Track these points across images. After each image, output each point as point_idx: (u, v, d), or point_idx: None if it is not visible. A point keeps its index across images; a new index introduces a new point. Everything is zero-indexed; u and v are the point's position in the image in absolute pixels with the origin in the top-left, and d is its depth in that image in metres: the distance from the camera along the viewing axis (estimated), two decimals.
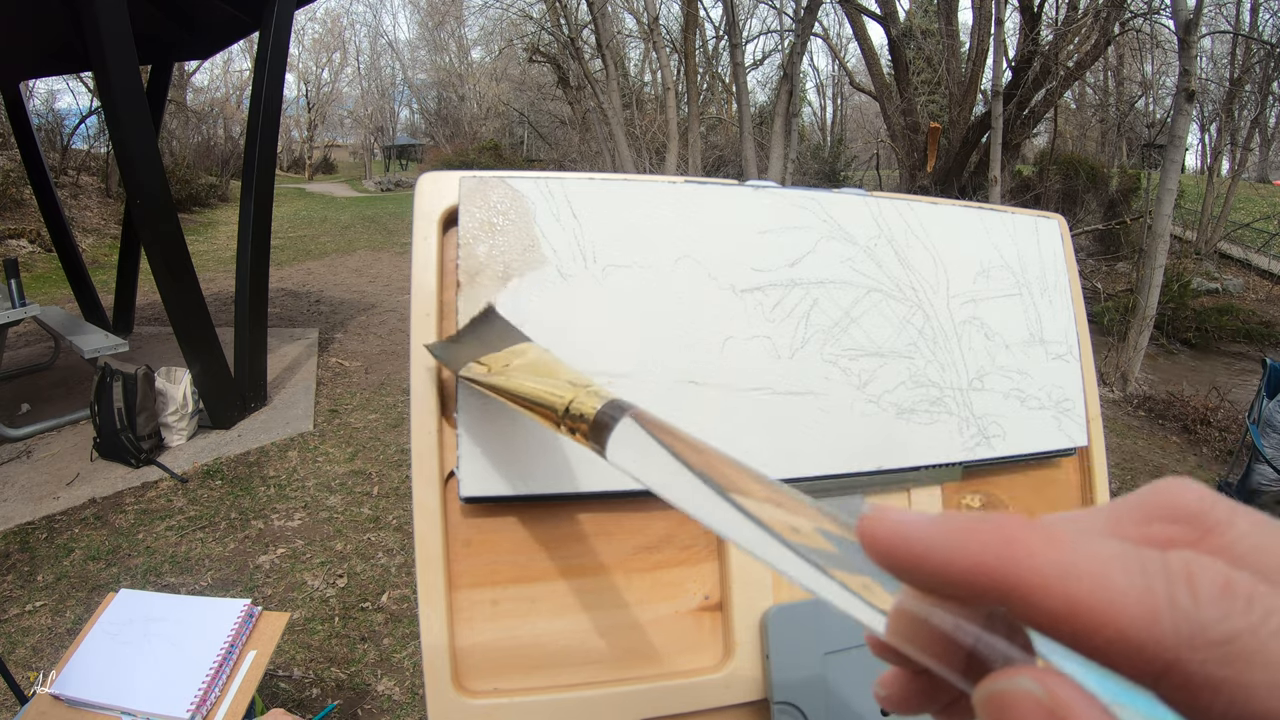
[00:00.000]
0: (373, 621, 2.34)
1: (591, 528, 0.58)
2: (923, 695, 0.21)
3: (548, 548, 0.57)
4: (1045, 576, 0.15)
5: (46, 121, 11.94)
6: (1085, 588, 0.15)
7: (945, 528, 0.17)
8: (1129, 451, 4.33)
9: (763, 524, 0.23)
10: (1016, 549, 0.16)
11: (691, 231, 0.60)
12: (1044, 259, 0.75)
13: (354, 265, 8.77)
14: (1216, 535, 0.16)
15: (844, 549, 0.21)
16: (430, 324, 0.56)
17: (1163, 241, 5.14)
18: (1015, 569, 0.16)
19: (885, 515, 0.18)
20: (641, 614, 0.59)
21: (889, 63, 11.36)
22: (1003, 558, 0.16)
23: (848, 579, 0.20)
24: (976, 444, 0.68)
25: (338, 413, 4.06)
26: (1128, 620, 0.14)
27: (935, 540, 0.17)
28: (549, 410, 0.38)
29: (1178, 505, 0.17)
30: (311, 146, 26.62)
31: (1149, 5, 8.19)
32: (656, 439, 0.29)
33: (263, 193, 3.91)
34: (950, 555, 0.17)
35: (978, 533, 0.17)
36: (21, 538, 2.71)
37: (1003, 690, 0.15)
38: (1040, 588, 0.15)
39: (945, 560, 0.17)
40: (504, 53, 20.32)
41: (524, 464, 0.54)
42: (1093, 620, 0.15)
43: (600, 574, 0.58)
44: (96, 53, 3.06)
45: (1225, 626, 0.14)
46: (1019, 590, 0.16)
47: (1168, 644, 0.14)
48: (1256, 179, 16.90)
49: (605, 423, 0.32)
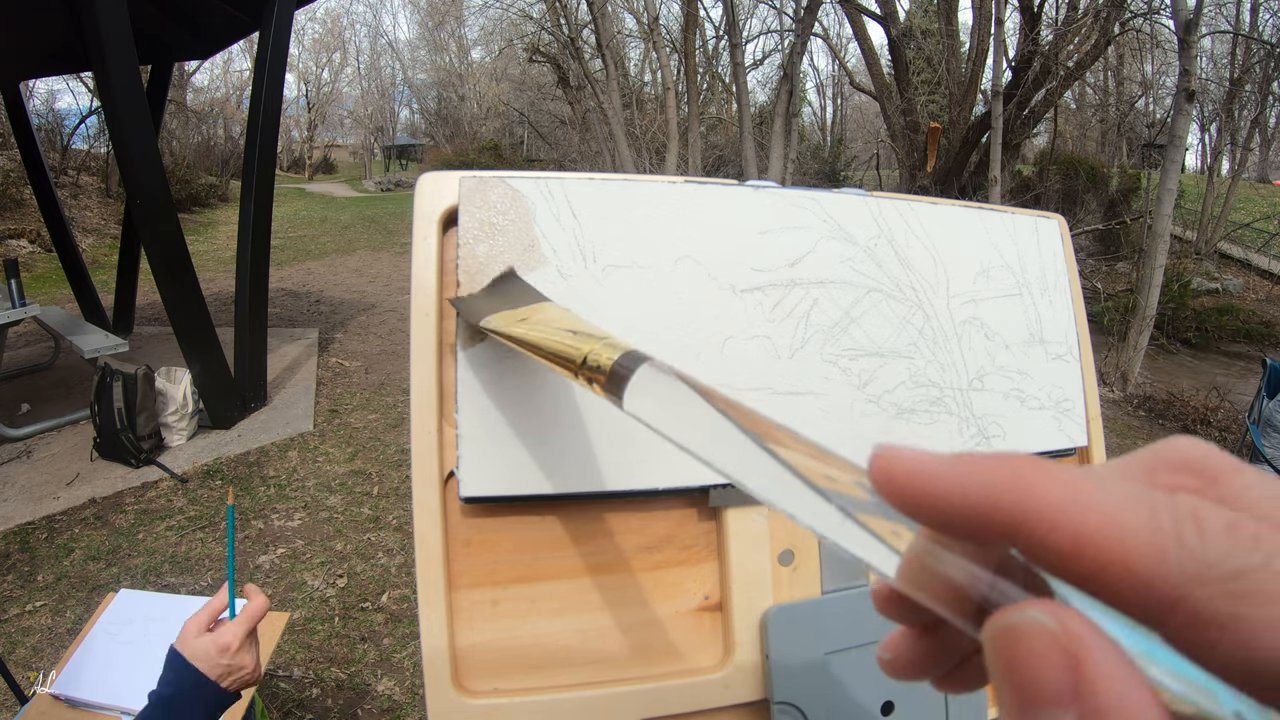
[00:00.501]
0: (373, 621, 2.34)
1: (591, 528, 0.58)
2: (929, 657, 0.21)
3: (548, 548, 0.57)
4: (1054, 511, 0.15)
5: (46, 121, 11.95)
6: (1093, 523, 0.15)
7: (958, 463, 0.17)
8: (1129, 451, 4.32)
9: (791, 467, 0.22)
10: (1027, 483, 0.16)
11: (691, 231, 0.60)
12: (1044, 259, 0.75)
13: (354, 265, 8.77)
14: (1222, 485, 0.16)
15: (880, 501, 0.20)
16: (430, 324, 0.56)
17: (1163, 241, 5.14)
18: (1025, 503, 0.16)
19: (898, 451, 0.18)
20: (641, 614, 0.59)
21: (889, 63, 11.36)
22: (1016, 493, 0.16)
23: (878, 524, 0.20)
24: (976, 444, 0.68)
25: (338, 413, 4.06)
26: (1135, 557, 0.15)
27: (947, 474, 0.17)
28: (567, 361, 0.38)
29: (1186, 457, 0.17)
30: (311, 146, 26.63)
31: (1149, 5, 8.20)
32: (680, 378, 0.29)
33: (263, 193, 3.91)
34: (961, 489, 0.17)
35: (989, 468, 0.17)
36: (21, 538, 2.71)
37: (1013, 623, 0.15)
38: (1048, 521, 0.15)
39: (956, 494, 0.17)
40: (504, 53, 20.33)
41: (524, 464, 0.54)
42: (1100, 556, 0.15)
43: (600, 574, 0.58)
44: (96, 53, 3.06)
45: (1231, 563, 0.14)
46: (1028, 524, 0.16)
47: (1175, 581, 0.14)
48: (1256, 179, 16.90)
49: (622, 373, 0.32)
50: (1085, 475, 0.16)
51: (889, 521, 0.20)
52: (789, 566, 0.62)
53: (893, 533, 0.19)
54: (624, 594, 0.58)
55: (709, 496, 0.60)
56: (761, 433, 0.24)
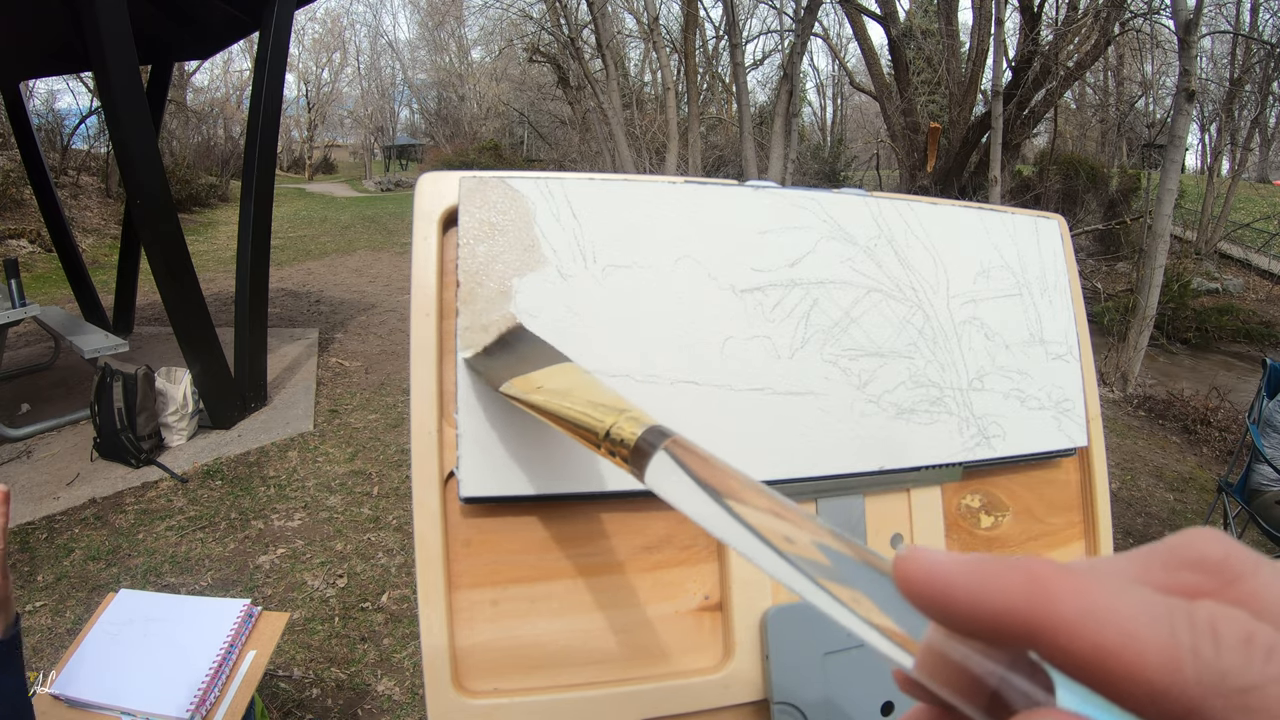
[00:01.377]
0: (373, 621, 2.34)
1: (592, 528, 0.58)
2: None
3: (548, 548, 0.57)
4: (1072, 621, 0.16)
5: (46, 121, 11.94)
6: (1112, 634, 0.15)
7: (976, 569, 0.18)
8: (1129, 451, 4.33)
9: (761, 535, 0.25)
10: (1045, 593, 0.16)
11: (691, 231, 0.60)
12: (1044, 259, 0.75)
13: (354, 265, 8.77)
14: (1240, 585, 0.17)
15: (837, 562, 0.22)
16: (430, 324, 0.56)
17: (1163, 241, 5.14)
18: (1044, 613, 0.16)
19: (918, 555, 0.19)
20: (641, 614, 0.59)
21: (889, 63, 11.36)
22: (1031, 601, 0.16)
23: (838, 590, 0.21)
24: (976, 444, 0.68)
25: (338, 413, 4.06)
26: (1152, 667, 0.15)
27: (966, 582, 0.18)
28: (590, 434, 0.39)
29: (1203, 555, 0.18)
30: (311, 146, 26.63)
31: (1149, 5, 8.20)
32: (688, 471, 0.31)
33: (263, 193, 3.90)
34: (980, 597, 0.17)
35: (1007, 576, 0.17)
36: (21, 538, 2.71)
37: None
38: (1067, 632, 0.16)
39: (975, 601, 0.17)
40: (504, 53, 20.32)
41: (524, 464, 0.54)
42: (1118, 666, 0.15)
43: (600, 574, 0.58)
44: (96, 53, 3.06)
45: (1246, 677, 0.14)
46: (1047, 633, 0.16)
47: (1191, 692, 0.15)
48: (1256, 179, 16.90)
49: (645, 450, 0.34)
50: (1102, 581, 0.17)
51: (848, 589, 0.21)
52: None
53: (853, 599, 0.21)
54: (624, 594, 0.58)
55: None
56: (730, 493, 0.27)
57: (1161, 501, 3.68)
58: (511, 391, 0.48)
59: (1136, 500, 3.66)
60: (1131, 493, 3.74)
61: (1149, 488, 3.83)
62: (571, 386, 0.46)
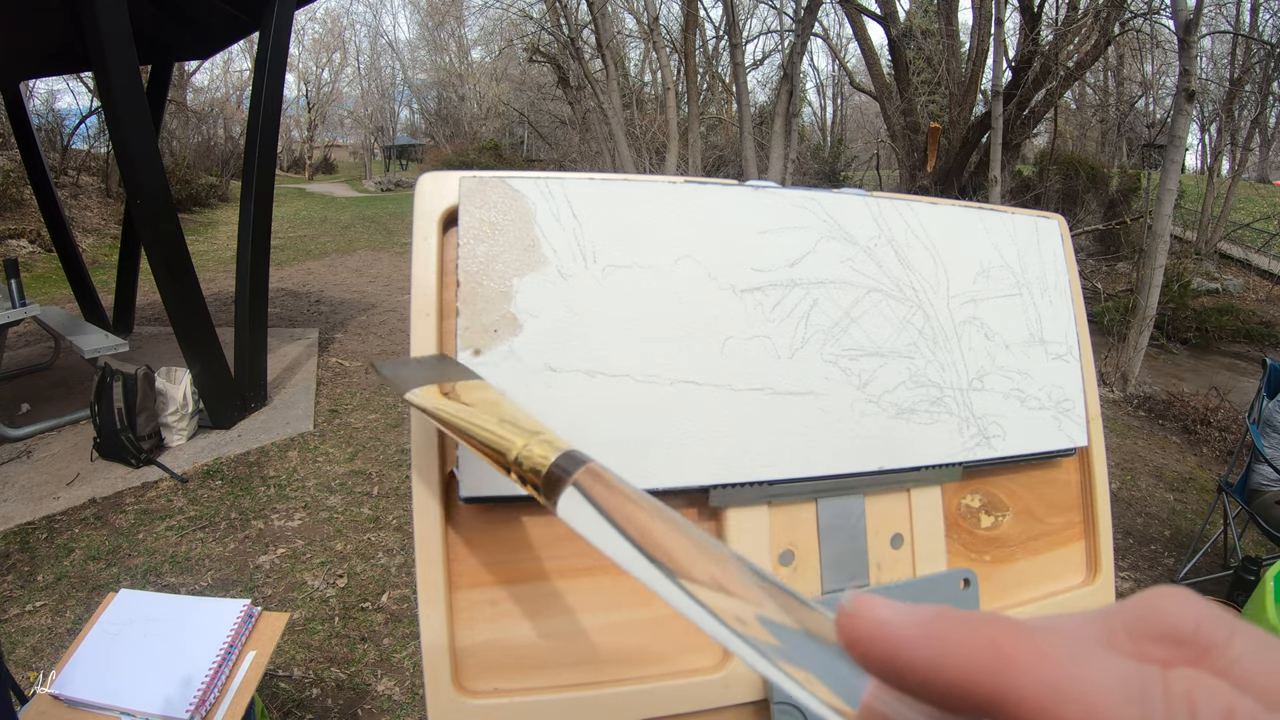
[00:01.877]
0: (373, 621, 2.34)
1: None
2: None
3: (548, 548, 0.57)
4: (1037, 697, 0.15)
5: (46, 121, 11.94)
6: (1075, 710, 0.14)
7: (931, 632, 0.16)
8: (1129, 451, 4.33)
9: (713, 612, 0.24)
10: (1007, 663, 0.15)
11: (691, 231, 0.60)
12: (1044, 259, 0.75)
13: (354, 265, 8.77)
14: (1216, 655, 0.15)
15: (785, 639, 0.21)
16: (430, 324, 0.56)
17: (1163, 241, 5.14)
18: (1005, 686, 0.15)
19: (865, 612, 0.18)
20: (641, 614, 0.59)
21: (889, 63, 11.36)
22: (993, 672, 0.15)
23: (793, 671, 0.20)
24: (976, 444, 0.68)
25: (338, 413, 4.06)
26: None
27: (921, 646, 0.16)
28: (497, 454, 0.37)
29: (1173, 625, 0.16)
30: (311, 146, 26.62)
31: (1149, 5, 8.20)
32: (601, 511, 0.28)
33: (263, 193, 3.90)
34: (937, 663, 0.16)
35: (966, 642, 0.16)
36: (21, 538, 2.71)
37: None
38: (1030, 706, 0.15)
39: (930, 668, 0.16)
40: (504, 53, 20.33)
41: None
42: None
43: (600, 574, 0.58)
44: (96, 53, 3.06)
45: None
46: (1008, 707, 0.15)
47: None
48: (1256, 179, 16.90)
49: (557, 478, 0.32)
50: (1068, 647, 0.16)
51: (801, 670, 0.20)
52: (789, 567, 0.62)
53: (806, 680, 0.20)
54: (624, 594, 0.58)
55: (709, 496, 0.60)
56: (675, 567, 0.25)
57: (1161, 501, 3.68)
58: (417, 400, 0.45)
59: (1136, 500, 3.66)
60: (1131, 493, 3.74)
61: (1149, 488, 3.83)
62: (483, 402, 0.44)
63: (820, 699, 0.19)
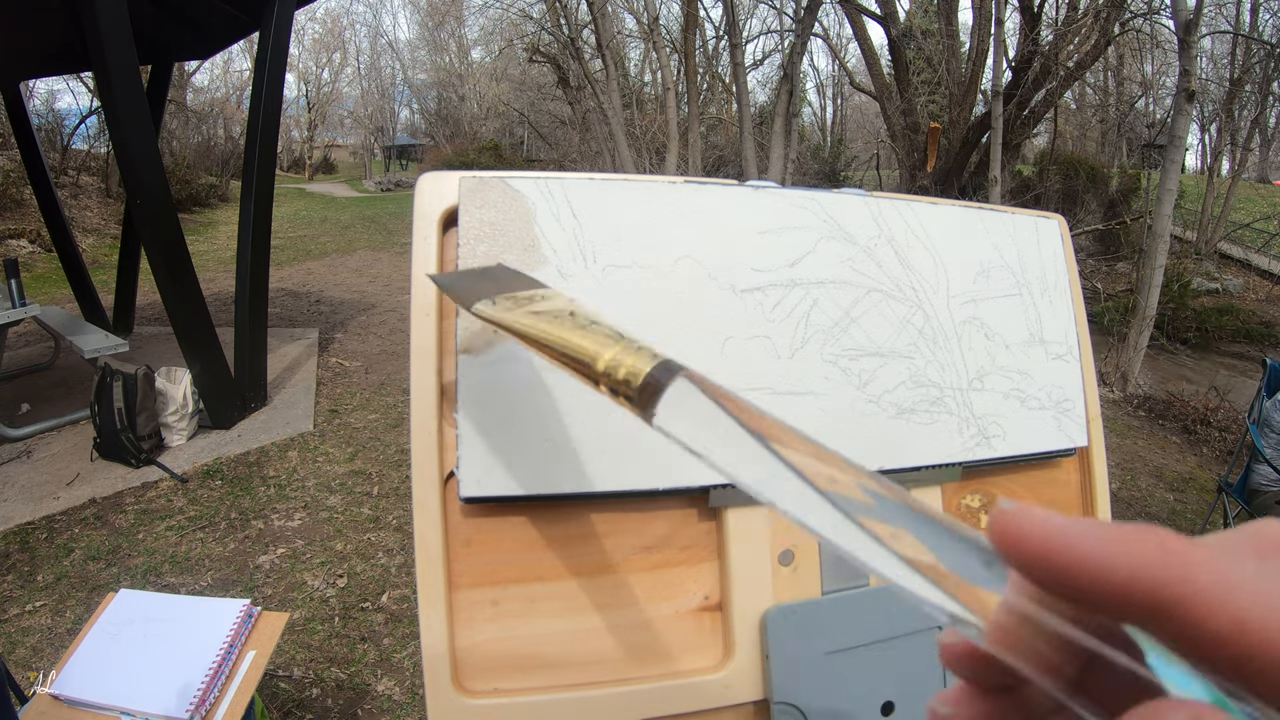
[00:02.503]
0: (373, 621, 2.34)
1: (591, 528, 0.58)
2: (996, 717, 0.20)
3: (548, 548, 0.57)
4: (1209, 592, 0.15)
5: (46, 121, 11.94)
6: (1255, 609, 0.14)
7: (1101, 536, 0.16)
8: (1129, 451, 4.33)
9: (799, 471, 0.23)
10: (1179, 560, 0.15)
11: (691, 231, 0.60)
12: (1044, 259, 0.75)
13: (354, 265, 8.77)
14: None
15: (880, 503, 0.21)
16: (430, 324, 0.56)
17: (1163, 241, 5.14)
18: (1178, 581, 0.15)
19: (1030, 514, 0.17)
20: (641, 614, 0.59)
21: (889, 63, 11.36)
22: (1166, 569, 0.15)
23: (876, 527, 0.20)
24: (976, 444, 0.68)
25: (338, 413, 4.06)
26: None
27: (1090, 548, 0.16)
28: (583, 365, 0.34)
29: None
30: (311, 146, 26.62)
31: (1149, 5, 8.20)
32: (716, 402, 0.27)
33: (263, 193, 3.90)
34: (1108, 564, 0.16)
35: (1137, 544, 0.16)
36: (21, 538, 2.71)
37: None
38: (1205, 605, 0.15)
39: (1100, 569, 0.16)
40: (504, 53, 20.32)
41: (524, 464, 0.54)
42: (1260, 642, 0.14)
43: (600, 574, 0.58)
44: (96, 53, 3.06)
45: None
46: (1181, 606, 0.15)
47: None
48: (1256, 179, 16.90)
49: (655, 385, 0.29)
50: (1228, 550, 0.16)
51: (888, 525, 0.20)
52: (789, 566, 0.62)
53: (892, 535, 0.19)
54: (624, 594, 0.58)
55: (709, 496, 0.60)
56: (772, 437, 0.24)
57: (1161, 501, 3.68)
58: (486, 312, 0.42)
59: (1136, 500, 3.65)
60: (1131, 493, 3.73)
61: (1149, 488, 3.83)
62: (556, 310, 0.40)
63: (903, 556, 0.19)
